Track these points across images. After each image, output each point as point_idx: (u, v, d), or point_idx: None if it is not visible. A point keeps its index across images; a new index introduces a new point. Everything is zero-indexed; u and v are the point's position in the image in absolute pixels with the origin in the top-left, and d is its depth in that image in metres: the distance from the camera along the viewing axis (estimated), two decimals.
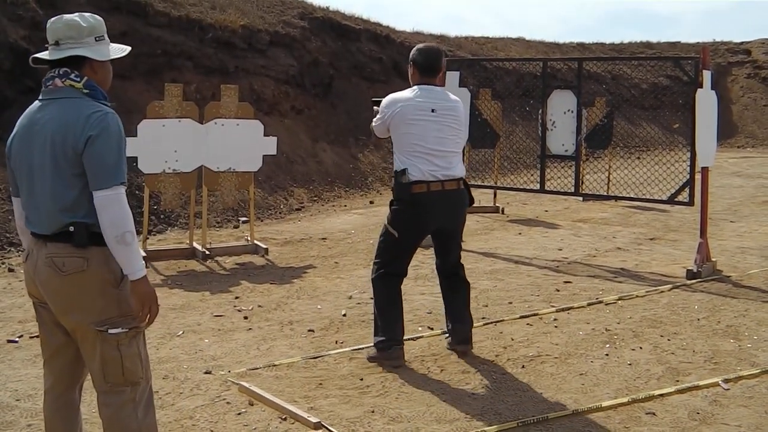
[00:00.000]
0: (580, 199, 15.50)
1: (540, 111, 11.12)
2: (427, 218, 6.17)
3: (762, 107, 36.20)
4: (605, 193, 14.91)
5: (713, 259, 9.77)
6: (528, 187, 12.99)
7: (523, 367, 6.19)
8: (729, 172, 22.94)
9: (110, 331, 3.72)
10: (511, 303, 8.11)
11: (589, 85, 24.94)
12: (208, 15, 17.58)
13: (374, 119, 6.47)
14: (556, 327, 7.27)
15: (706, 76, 9.43)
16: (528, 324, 7.30)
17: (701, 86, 9.39)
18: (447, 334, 6.69)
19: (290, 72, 18.64)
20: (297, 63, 19.03)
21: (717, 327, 7.34)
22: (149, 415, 3.94)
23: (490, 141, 14.24)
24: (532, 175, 13.07)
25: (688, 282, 9.09)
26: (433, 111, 6.15)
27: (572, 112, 10.60)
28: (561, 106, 10.70)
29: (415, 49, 6.42)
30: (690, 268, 9.35)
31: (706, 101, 9.43)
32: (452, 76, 11.24)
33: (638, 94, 31.37)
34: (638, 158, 17.36)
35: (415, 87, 6.29)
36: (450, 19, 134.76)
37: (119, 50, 3.91)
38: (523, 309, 7.82)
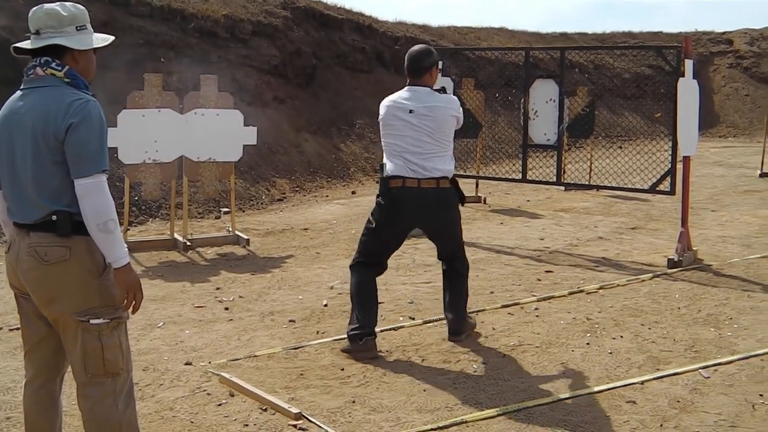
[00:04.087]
0: (562, 188, 15.52)
1: (522, 100, 11.10)
2: (402, 213, 6.30)
3: (743, 97, 36.29)
4: (587, 183, 14.92)
5: (694, 248, 9.80)
6: (510, 177, 12.97)
7: (503, 356, 6.20)
8: (711, 161, 23.00)
9: (92, 321, 3.71)
10: (492, 293, 8.12)
11: (572, 75, 25.01)
12: (191, 5, 17.53)
13: None
14: (537, 316, 7.28)
15: (688, 65, 9.44)
16: (509, 313, 7.31)
17: (683, 75, 9.40)
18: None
19: (273, 62, 18.60)
20: (279, 53, 18.98)
21: (697, 316, 7.37)
22: (129, 407, 3.93)
23: (473, 131, 14.20)
24: (514, 164, 13.10)
25: (669, 271, 9.12)
26: (411, 112, 6.27)
27: (554, 101, 10.60)
28: (543, 96, 10.69)
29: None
30: (671, 257, 9.38)
31: (687, 91, 9.44)
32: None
33: (621, 84, 31.43)
34: (620, 148, 17.32)
35: (404, 88, 6.46)
36: (433, 8, 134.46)
37: (101, 40, 3.90)
38: (504, 298, 7.82)
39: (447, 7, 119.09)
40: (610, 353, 6.29)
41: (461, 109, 6.64)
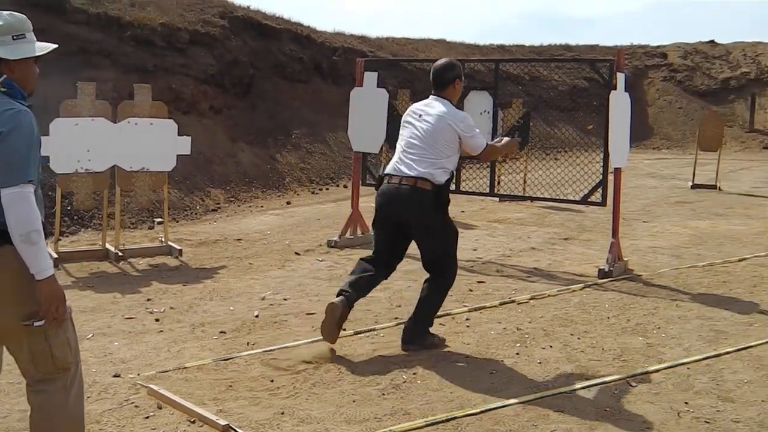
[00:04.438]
0: (497, 199, 15.62)
1: None
2: (384, 210, 6.67)
3: (677, 110, 36.84)
4: (521, 194, 15.04)
5: (625, 259, 9.94)
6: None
7: (434, 366, 6.22)
8: (644, 173, 23.31)
9: (36, 323, 3.71)
10: None
11: (508, 87, 25.17)
12: (127, 12, 17.41)
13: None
14: (468, 327, 7.32)
15: (620, 78, 9.56)
16: (440, 324, 7.32)
17: (615, 88, 9.52)
18: None
19: (210, 71, 18.53)
20: (217, 62, 18.92)
21: (626, 325, 7.47)
22: (78, 405, 3.97)
23: None
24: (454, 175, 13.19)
25: (600, 281, 9.23)
26: (420, 116, 6.70)
27: (488, 113, 10.66)
28: (477, 107, 10.73)
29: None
30: (602, 267, 9.50)
31: (619, 103, 9.56)
32: (369, 77, 11.25)
33: (556, 96, 31.72)
34: (555, 159, 17.56)
35: (430, 96, 6.84)
36: (373, 19, 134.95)
37: (40, 49, 3.89)
38: None
39: (386, 19, 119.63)
40: (540, 363, 6.35)
41: (471, 127, 6.73)
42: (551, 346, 6.78)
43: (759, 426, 5.23)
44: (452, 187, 10.56)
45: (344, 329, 7.05)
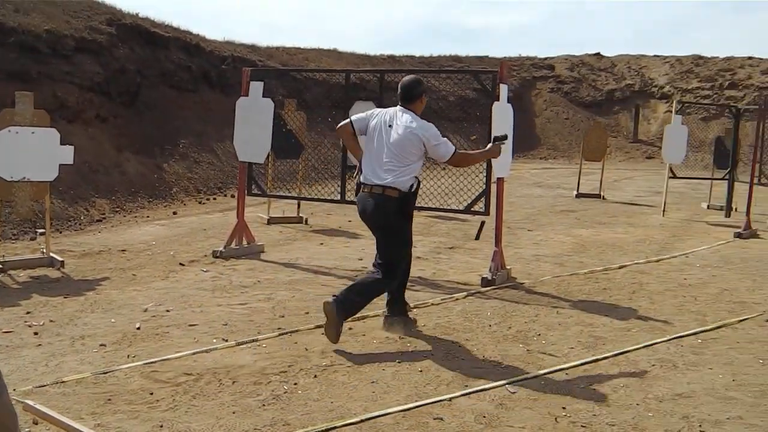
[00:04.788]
0: None
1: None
2: (360, 214, 7.52)
3: (563, 120, 37.55)
4: None
5: (508, 267, 10.08)
6: (330, 198, 12.99)
7: (315, 376, 6.21)
8: (530, 182, 23.68)
9: None
10: (307, 313, 8.13)
11: (395, 97, 25.29)
12: (11, 18, 17.03)
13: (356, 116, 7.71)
14: (351, 336, 7.33)
15: (503, 89, 9.69)
16: (323, 334, 7.31)
17: (498, 99, 9.64)
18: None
19: (96, 79, 18.21)
20: (103, 70, 18.60)
21: (508, 332, 7.57)
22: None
23: (295, 151, 14.24)
24: (338, 185, 13.12)
25: (483, 289, 9.35)
26: (390, 126, 7.32)
27: None
28: None
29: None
30: (485, 275, 9.61)
31: (502, 114, 9.68)
32: (255, 87, 11.21)
33: (446, 106, 31.99)
34: (443, 168, 17.62)
35: (398, 107, 7.49)
36: (265, 28, 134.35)
37: None
38: (319, 319, 7.81)
39: (277, 28, 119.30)
40: (421, 371, 6.40)
41: (437, 136, 7.32)
42: (433, 354, 6.84)
43: (633, 428, 5.36)
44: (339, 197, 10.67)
45: (226, 340, 7.03)
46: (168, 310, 8.10)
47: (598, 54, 44.13)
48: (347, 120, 7.75)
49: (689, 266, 11.45)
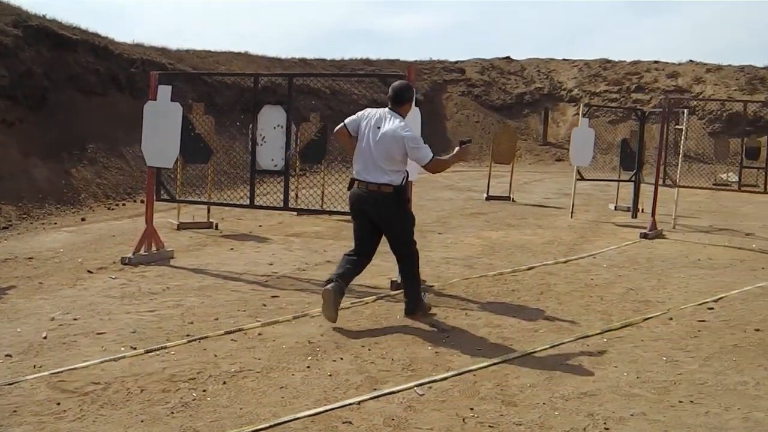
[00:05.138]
0: (295, 213, 15.64)
1: (250, 126, 11.15)
2: (353, 205, 8.27)
3: (474, 123, 37.85)
4: (318, 208, 15.16)
5: None
6: (239, 203, 12.93)
7: (224, 383, 6.19)
8: (442, 185, 23.80)
9: None
10: (217, 319, 8.08)
11: (311, 101, 25.32)
12: None
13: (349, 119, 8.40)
14: (260, 341, 7.32)
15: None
16: (232, 340, 7.31)
17: None
18: None
19: (1, 82, 17.87)
20: (9, 73, 18.23)
21: (416, 335, 7.62)
22: None
23: (203, 156, 14.13)
24: (249, 189, 13.06)
25: (392, 292, 9.40)
26: (378, 128, 8.01)
27: (282, 127, 10.69)
28: (271, 122, 10.77)
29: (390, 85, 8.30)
30: (394, 279, 9.65)
31: (410, 116, 9.68)
32: (163, 91, 11.11)
33: (358, 110, 31.89)
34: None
35: (387, 108, 8.18)
36: (176, 31, 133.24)
37: None
38: (228, 325, 7.82)
39: (188, 32, 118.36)
40: (330, 375, 6.41)
41: (416, 140, 8.05)
42: (342, 358, 6.86)
43: (539, 427, 5.45)
44: (248, 201, 10.62)
45: (134, 347, 6.98)
46: (75, 319, 8.00)
47: (508, 58, 44.61)
48: (341, 124, 8.38)
49: (596, 267, 11.64)
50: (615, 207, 19.42)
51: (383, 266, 10.89)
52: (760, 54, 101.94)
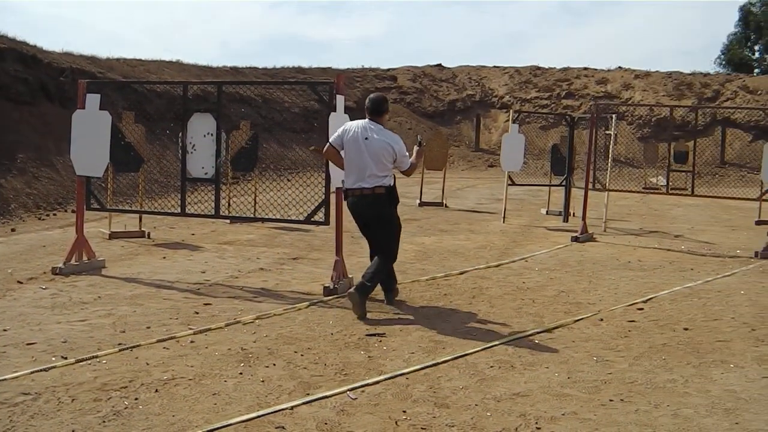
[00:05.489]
0: (228, 221, 15.57)
1: (180, 134, 11.07)
2: (356, 212, 8.99)
3: (407, 131, 37.90)
4: (252, 215, 15.12)
5: (350, 276, 10.12)
6: (170, 211, 12.81)
7: (156, 391, 6.15)
8: None
9: None
10: (149, 328, 8.01)
11: (241, 109, 25.24)
12: None
13: (332, 137, 9.14)
14: (192, 349, 7.27)
15: (340, 100, 9.78)
16: (165, 348, 7.27)
17: (335, 110, 9.73)
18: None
19: None
20: None
21: (349, 340, 7.65)
22: None
23: (134, 164, 13.98)
24: (180, 198, 12.96)
25: (325, 298, 9.41)
26: (366, 139, 8.79)
27: (212, 135, 10.64)
28: (201, 130, 10.70)
29: (368, 98, 9.21)
30: (327, 285, 9.66)
31: (338, 124, 9.68)
32: (92, 99, 11.01)
33: (290, 118, 32.03)
34: (288, 180, 17.69)
35: (366, 119, 9.00)
36: (107, 39, 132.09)
37: None
38: (161, 333, 7.76)
39: (120, 41, 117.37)
40: (263, 381, 6.40)
41: (403, 148, 9.02)
42: (275, 364, 6.84)
43: (472, 428, 5.49)
44: (180, 210, 10.57)
45: (65, 357, 6.90)
46: (5, 330, 7.88)
47: (439, 65, 44.84)
48: (327, 144, 9.15)
49: (528, 270, 11.75)
50: (547, 211, 19.58)
51: (316, 272, 10.96)
52: (686, 60, 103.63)
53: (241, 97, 28.83)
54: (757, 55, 61.19)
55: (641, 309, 9.37)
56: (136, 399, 5.97)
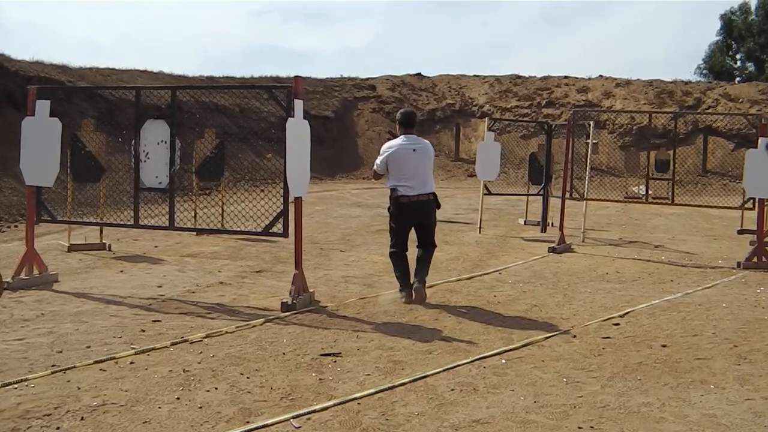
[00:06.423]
0: (194, 233, 15.07)
1: (133, 142, 10.52)
2: (412, 213, 9.93)
3: (386, 140, 37.42)
4: (220, 226, 14.66)
5: (311, 290, 9.61)
6: (125, 223, 12.21)
7: (82, 419, 5.60)
8: (350, 202, 23.41)
9: None
10: (89, 347, 7.44)
11: (216, 117, 24.80)
12: None
13: (376, 161, 10.13)
14: (131, 371, 6.72)
15: (298, 105, 9.29)
16: (101, 369, 6.73)
17: (293, 116, 9.25)
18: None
19: None
20: None
21: (302, 361, 7.11)
22: None
23: (95, 174, 13.42)
24: (150, 209, 12.31)
25: (282, 315, 8.86)
26: (414, 150, 9.83)
27: (165, 142, 10.13)
28: (154, 137, 10.19)
29: (399, 112, 10.40)
30: (284, 300, 9.13)
31: (297, 131, 9.29)
32: (41, 106, 10.54)
33: (267, 127, 31.58)
34: (262, 190, 17.14)
35: (401, 136, 10.01)
36: (84, 48, 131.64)
37: None
38: (101, 353, 7.21)
39: (97, 49, 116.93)
40: (200, 408, 5.85)
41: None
42: (216, 388, 6.30)
43: None
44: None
45: None
46: None
47: (419, 74, 44.45)
48: (375, 170, 10.28)
49: (501, 283, 11.30)
50: (525, 221, 19.18)
51: (278, 286, 10.49)
52: (667, 69, 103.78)
53: (217, 106, 28.43)
54: (738, 63, 61.14)
55: (617, 324, 8.90)
56: (57, 428, 5.43)
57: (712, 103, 37.81)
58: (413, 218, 9.96)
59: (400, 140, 9.96)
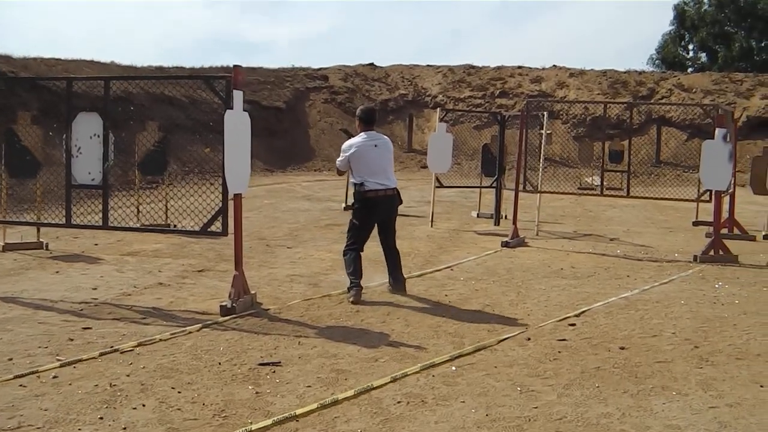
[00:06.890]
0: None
1: (64, 136, 9.97)
2: (378, 210, 9.84)
3: (338, 131, 36.98)
4: (163, 222, 14.16)
5: (252, 292, 9.14)
6: (57, 222, 11.61)
7: None
8: (300, 195, 22.98)
9: None
10: (11, 359, 6.90)
11: (165, 109, 24.24)
12: None
13: (338, 160, 10.18)
14: (53, 387, 6.21)
15: (237, 96, 8.85)
16: (21, 385, 6.21)
17: (232, 108, 8.79)
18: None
19: None
20: None
21: (238, 372, 6.65)
22: None
23: (30, 170, 12.80)
24: (87, 205, 11.74)
25: (221, 319, 8.38)
26: (375, 146, 9.84)
27: (99, 136, 9.61)
28: (87, 131, 9.66)
29: (359, 109, 10.33)
30: (224, 303, 8.64)
31: (236, 124, 8.83)
32: None
33: (218, 119, 30.90)
34: (212, 184, 16.63)
35: (362, 133, 9.97)
36: (42, 39, 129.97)
37: None
38: (22, 366, 6.70)
39: (47, 40, 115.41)
40: (124, 429, 5.37)
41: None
42: (144, 405, 5.81)
43: None
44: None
45: None
46: None
47: (371, 64, 43.99)
48: (338, 168, 10.35)
49: (452, 281, 10.93)
50: (478, 214, 18.88)
51: (219, 287, 10.09)
52: (620, 59, 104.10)
53: (166, 97, 27.82)
54: (691, 53, 61.24)
55: (573, 325, 8.54)
56: None
57: (665, 93, 37.78)
58: (379, 214, 9.89)
59: (360, 138, 9.93)
